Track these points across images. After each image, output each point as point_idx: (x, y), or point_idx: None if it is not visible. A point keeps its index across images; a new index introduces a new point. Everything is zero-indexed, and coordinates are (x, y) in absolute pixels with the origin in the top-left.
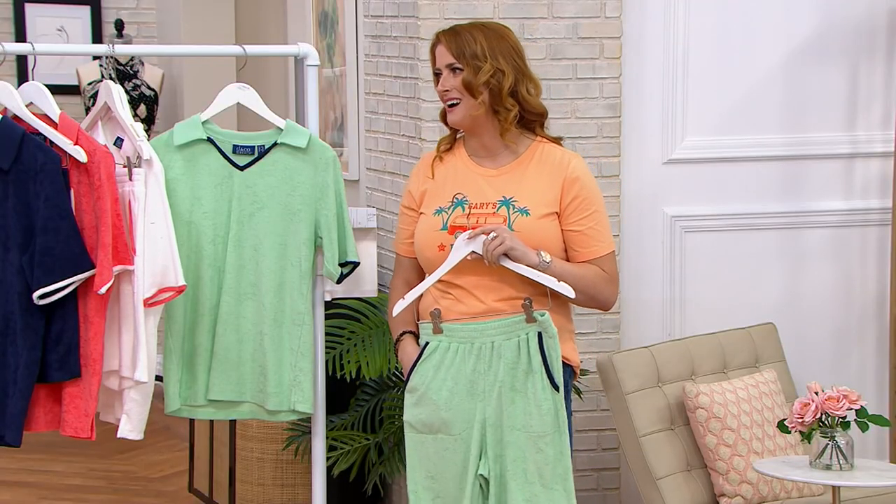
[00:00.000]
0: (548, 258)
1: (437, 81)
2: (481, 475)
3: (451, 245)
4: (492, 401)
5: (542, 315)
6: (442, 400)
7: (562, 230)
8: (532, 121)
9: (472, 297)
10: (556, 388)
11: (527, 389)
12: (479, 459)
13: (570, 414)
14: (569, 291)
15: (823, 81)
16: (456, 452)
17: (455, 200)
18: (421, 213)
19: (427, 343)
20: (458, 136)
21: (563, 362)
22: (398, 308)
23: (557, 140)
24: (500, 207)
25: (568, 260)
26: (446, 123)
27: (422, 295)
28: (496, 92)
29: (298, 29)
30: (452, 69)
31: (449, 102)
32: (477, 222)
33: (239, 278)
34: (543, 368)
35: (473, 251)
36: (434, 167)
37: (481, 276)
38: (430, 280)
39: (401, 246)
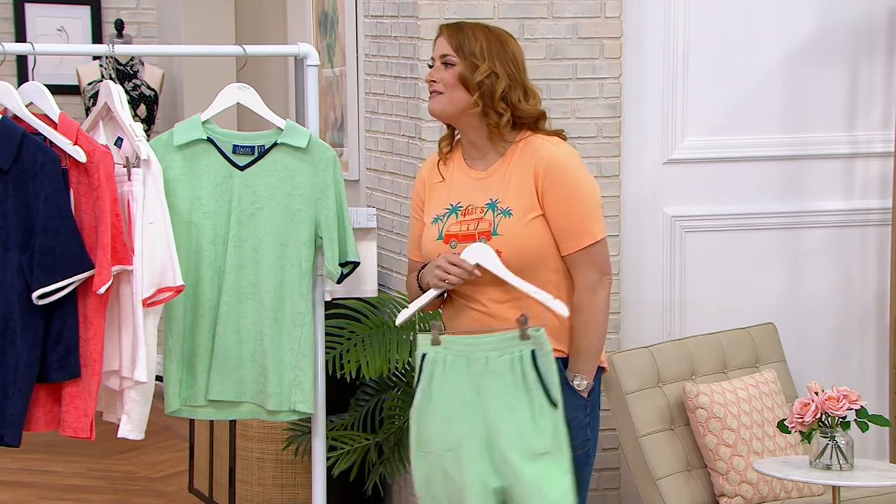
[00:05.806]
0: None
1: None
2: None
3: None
4: (488, 417)
5: (537, 331)
6: (440, 415)
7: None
8: (526, 123)
9: (479, 302)
10: (554, 405)
11: (523, 407)
12: (489, 474)
13: (597, 416)
14: (563, 310)
15: (823, 82)
16: (456, 468)
17: (450, 207)
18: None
19: (424, 355)
20: (456, 135)
21: None
22: (402, 317)
23: (557, 133)
24: (486, 211)
25: (561, 254)
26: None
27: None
28: (488, 94)
29: (298, 29)
30: (445, 62)
31: (432, 91)
32: (467, 229)
33: (239, 278)
34: (540, 386)
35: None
36: (440, 169)
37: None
38: (429, 294)
39: (410, 249)
